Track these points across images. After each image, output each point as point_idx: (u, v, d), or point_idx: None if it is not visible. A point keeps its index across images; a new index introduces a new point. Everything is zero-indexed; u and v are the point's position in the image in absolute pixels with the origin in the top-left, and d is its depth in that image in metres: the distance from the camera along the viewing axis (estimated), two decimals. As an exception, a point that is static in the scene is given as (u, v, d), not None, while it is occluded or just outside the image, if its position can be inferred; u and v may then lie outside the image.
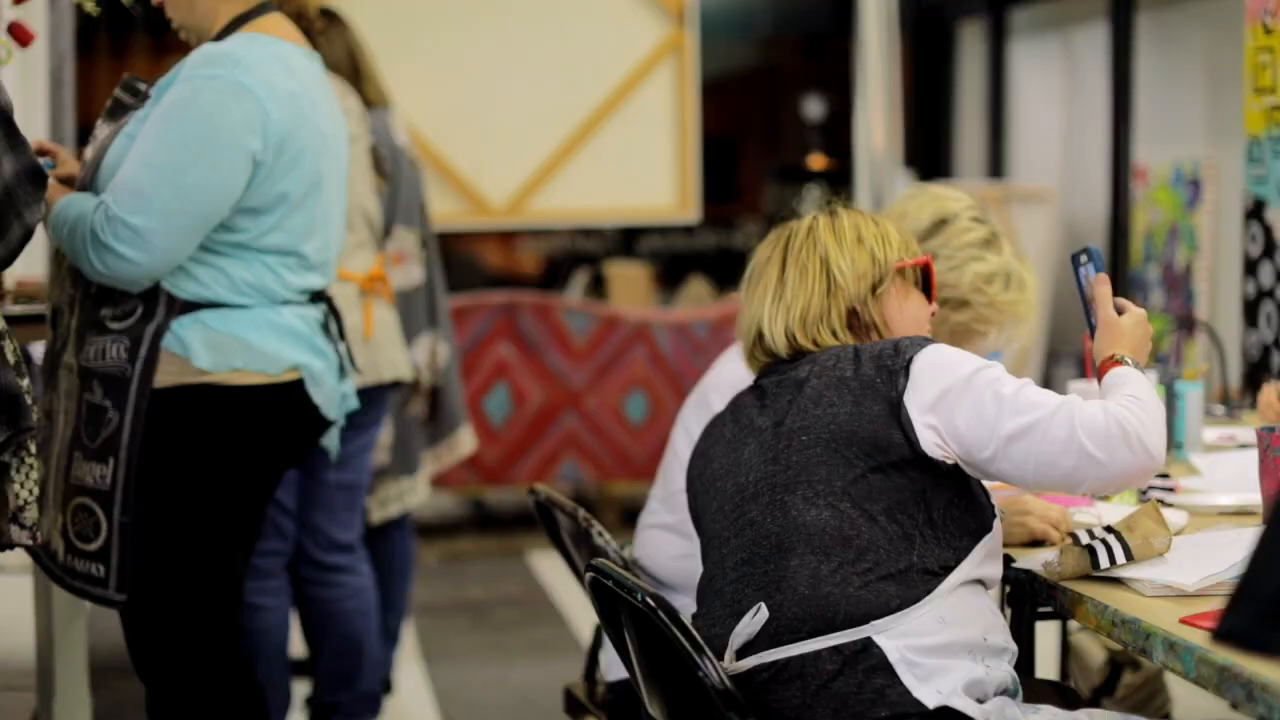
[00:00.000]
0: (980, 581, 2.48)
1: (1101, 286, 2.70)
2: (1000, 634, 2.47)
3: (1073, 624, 4.01)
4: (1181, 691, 4.27)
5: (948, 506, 2.46)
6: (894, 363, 2.50)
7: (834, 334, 2.66)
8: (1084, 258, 2.79)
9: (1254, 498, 2.83)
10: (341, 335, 3.39)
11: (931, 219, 3.33)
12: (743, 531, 2.52)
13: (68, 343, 3.19)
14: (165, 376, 3.11)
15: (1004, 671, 2.44)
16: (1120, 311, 2.68)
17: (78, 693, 3.60)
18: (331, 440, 3.48)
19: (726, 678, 2.33)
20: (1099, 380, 2.58)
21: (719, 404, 2.87)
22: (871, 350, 2.55)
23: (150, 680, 3.28)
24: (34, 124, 4.47)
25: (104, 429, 3.12)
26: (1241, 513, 2.91)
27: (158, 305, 3.12)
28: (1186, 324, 6.62)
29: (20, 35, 3.46)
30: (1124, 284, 7.02)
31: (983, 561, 2.47)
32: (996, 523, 2.51)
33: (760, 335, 2.69)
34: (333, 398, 3.31)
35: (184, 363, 3.11)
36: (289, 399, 3.21)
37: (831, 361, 2.57)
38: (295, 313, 3.22)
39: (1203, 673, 2.11)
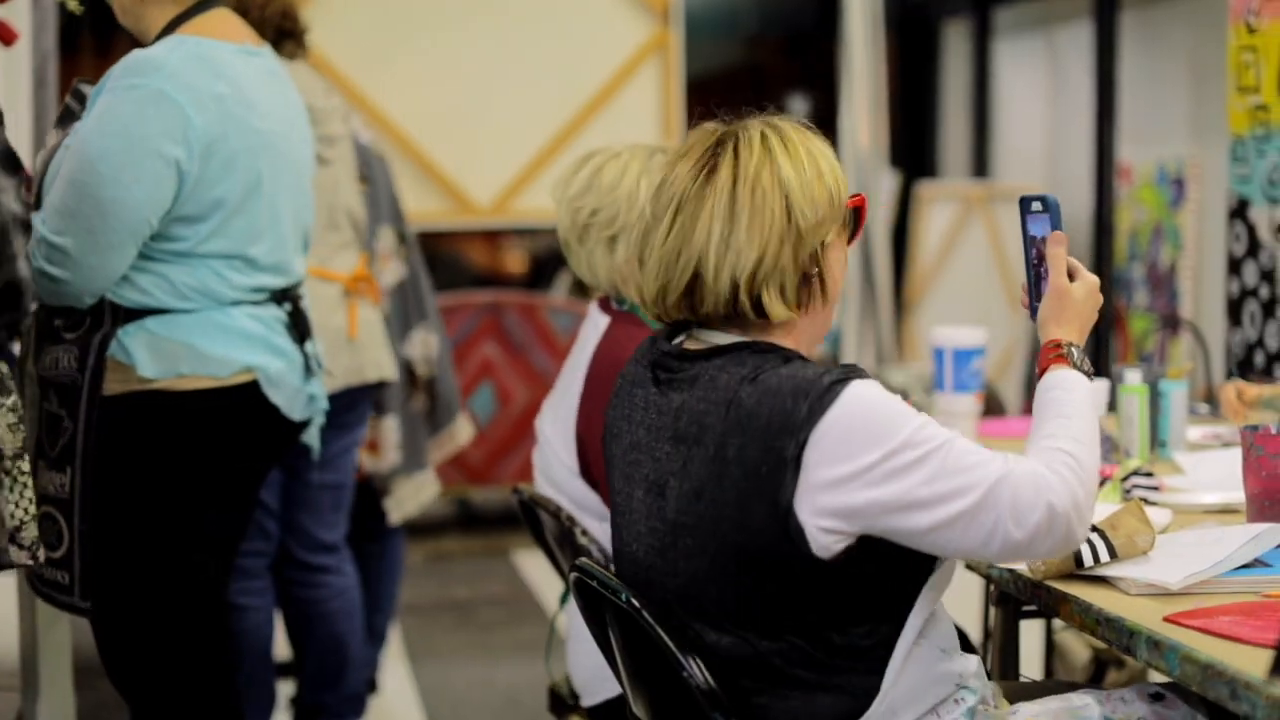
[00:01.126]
0: (927, 619, 2.29)
1: (1056, 246, 2.44)
2: (950, 672, 2.32)
3: (1057, 622, 4.02)
4: (1166, 690, 4.28)
5: (866, 588, 2.23)
6: (784, 447, 2.15)
7: (782, 296, 2.27)
8: (1037, 205, 2.47)
9: (1238, 496, 2.84)
10: (308, 335, 3.34)
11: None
12: (650, 604, 2.35)
13: (28, 352, 3.18)
14: (114, 385, 3.09)
15: (959, 711, 2.33)
16: (1071, 277, 2.45)
17: (62, 692, 3.60)
18: (313, 439, 3.47)
19: (711, 678, 2.31)
20: (1038, 369, 2.40)
21: None
22: (759, 414, 2.18)
23: (124, 690, 3.27)
24: (17, 124, 4.45)
25: (61, 438, 3.11)
26: (1225, 511, 2.91)
27: (104, 314, 3.09)
28: (1171, 323, 6.63)
29: (3, 34, 3.45)
30: (1108, 283, 7.03)
31: (925, 604, 2.27)
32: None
33: (695, 280, 2.28)
34: (296, 399, 3.27)
35: (129, 371, 3.09)
36: (243, 401, 3.17)
37: (719, 412, 2.22)
38: (248, 313, 3.17)
39: (1186, 671, 2.11)
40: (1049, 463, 2.22)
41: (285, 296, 3.28)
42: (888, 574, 2.23)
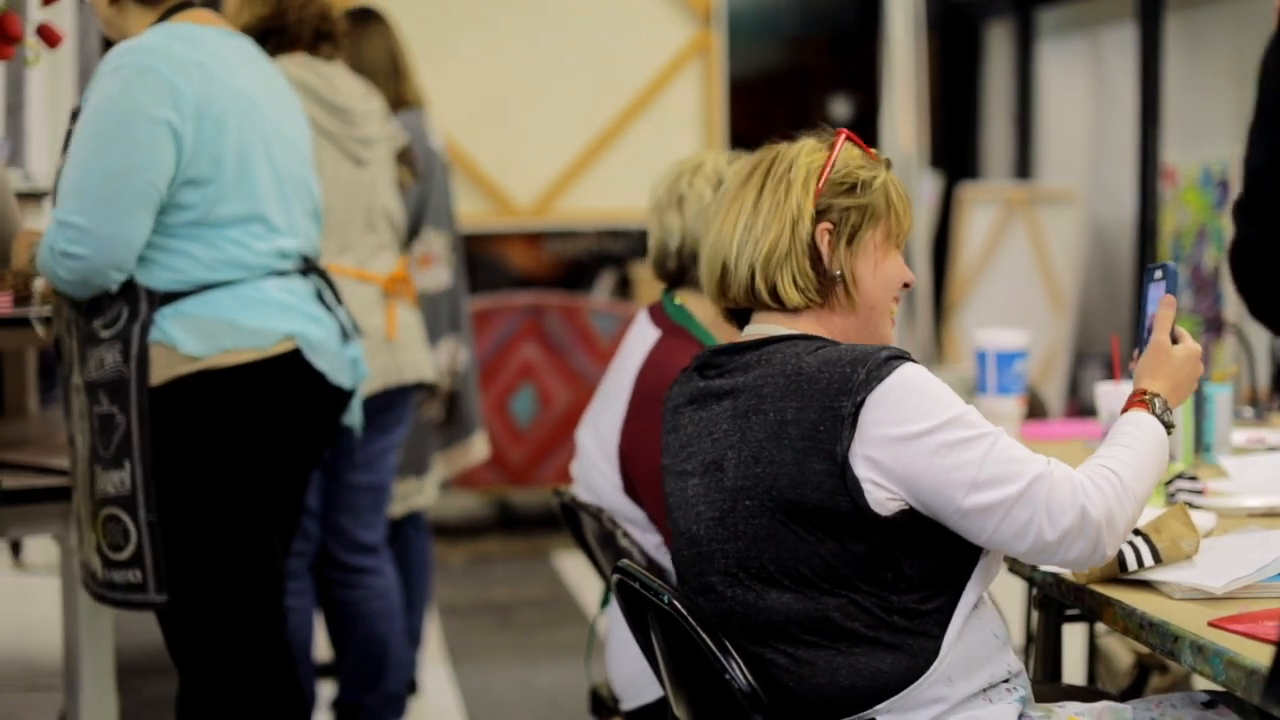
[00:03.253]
0: (980, 600, 2.35)
1: (1166, 309, 2.49)
2: (1001, 659, 2.36)
3: (1100, 626, 4.00)
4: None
5: (922, 554, 2.28)
6: (841, 406, 2.25)
7: (795, 282, 2.39)
8: (1159, 273, 2.57)
9: (1283, 500, 2.82)
10: (340, 302, 3.39)
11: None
12: (708, 593, 2.41)
13: (73, 365, 3.21)
14: (160, 371, 3.12)
15: (1011, 699, 2.34)
16: (1175, 340, 2.49)
17: (104, 693, 3.61)
18: (355, 416, 3.48)
19: (752, 680, 2.32)
20: (1123, 410, 2.46)
21: None
22: (819, 378, 2.28)
23: (189, 675, 3.28)
24: (62, 125, 4.47)
25: (115, 434, 3.13)
26: (1270, 514, 2.90)
27: (140, 303, 3.14)
28: (1215, 326, 6.59)
29: (49, 37, 3.47)
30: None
31: (979, 580, 2.33)
32: None
33: (725, 270, 2.44)
34: (339, 364, 3.31)
35: (173, 352, 3.12)
36: (289, 369, 3.22)
37: (778, 382, 2.32)
38: (279, 285, 3.23)
39: (1231, 675, 2.10)
40: (1092, 475, 2.29)
41: (309, 269, 3.32)
42: (944, 543, 2.29)
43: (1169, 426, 2.42)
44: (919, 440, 2.24)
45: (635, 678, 3.09)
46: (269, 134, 3.26)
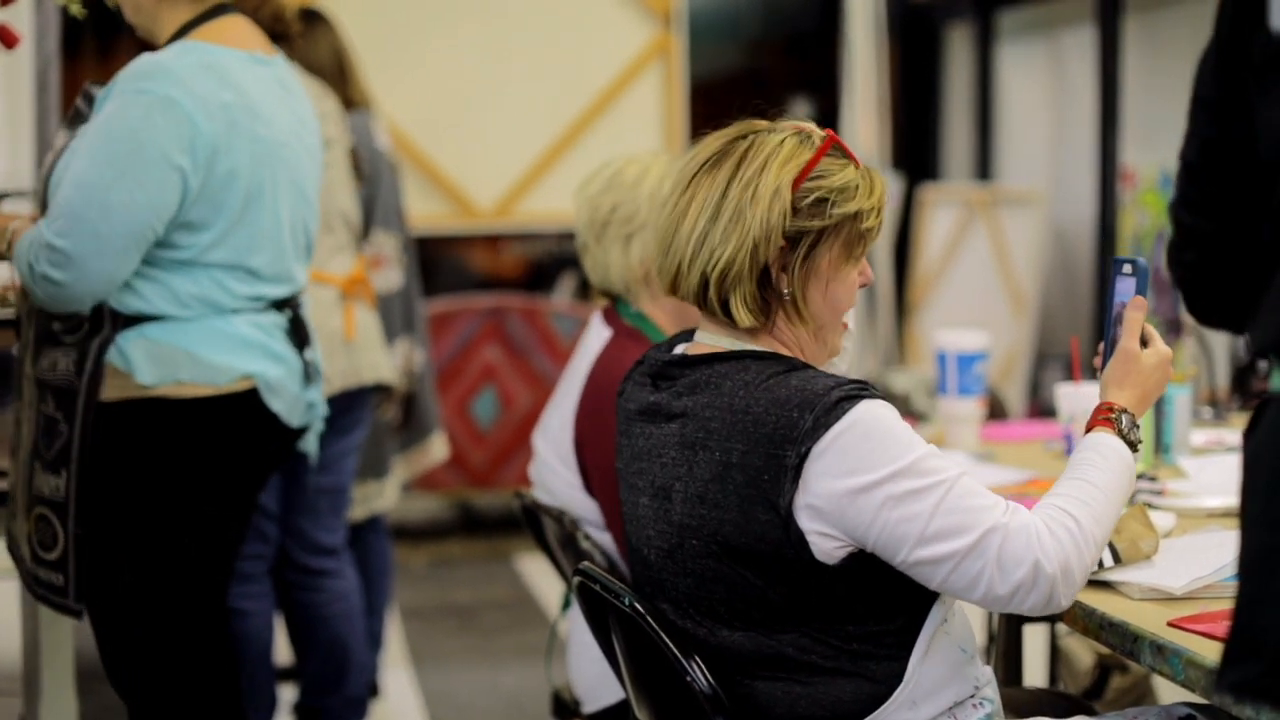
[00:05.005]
0: (949, 613, 2.30)
1: (1135, 311, 2.41)
2: (969, 673, 2.32)
3: (1061, 627, 4.01)
4: (1170, 694, 4.27)
5: (878, 588, 2.22)
6: (785, 455, 2.15)
7: (745, 303, 2.27)
8: (1128, 268, 2.47)
9: (1241, 500, 2.83)
10: (307, 342, 3.32)
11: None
12: (659, 616, 2.36)
13: (26, 353, 3.18)
14: (112, 391, 3.08)
15: (978, 715, 2.31)
16: (1144, 343, 2.42)
17: (64, 697, 3.59)
18: (310, 445, 3.46)
19: (714, 683, 2.31)
20: (1085, 428, 2.39)
21: None
22: (765, 420, 2.18)
23: (126, 696, 3.26)
24: (19, 128, 4.45)
25: (57, 441, 3.10)
26: (1229, 515, 2.91)
27: (103, 320, 3.08)
28: (1174, 327, 6.62)
29: (5, 38, 3.45)
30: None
31: (945, 598, 2.27)
32: None
33: (677, 271, 2.31)
34: (295, 406, 3.26)
35: (127, 377, 3.08)
36: (242, 408, 3.16)
37: (725, 419, 2.23)
38: (247, 320, 3.16)
39: (1190, 675, 2.11)
40: (1049, 522, 2.20)
41: (286, 304, 3.27)
42: (898, 576, 2.22)
43: (1135, 445, 2.35)
44: (865, 494, 2.14)
45: (597, 680, 3.08)
46: (280, 179, 3.19)
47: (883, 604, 2.24)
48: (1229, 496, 2.95)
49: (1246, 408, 3.88)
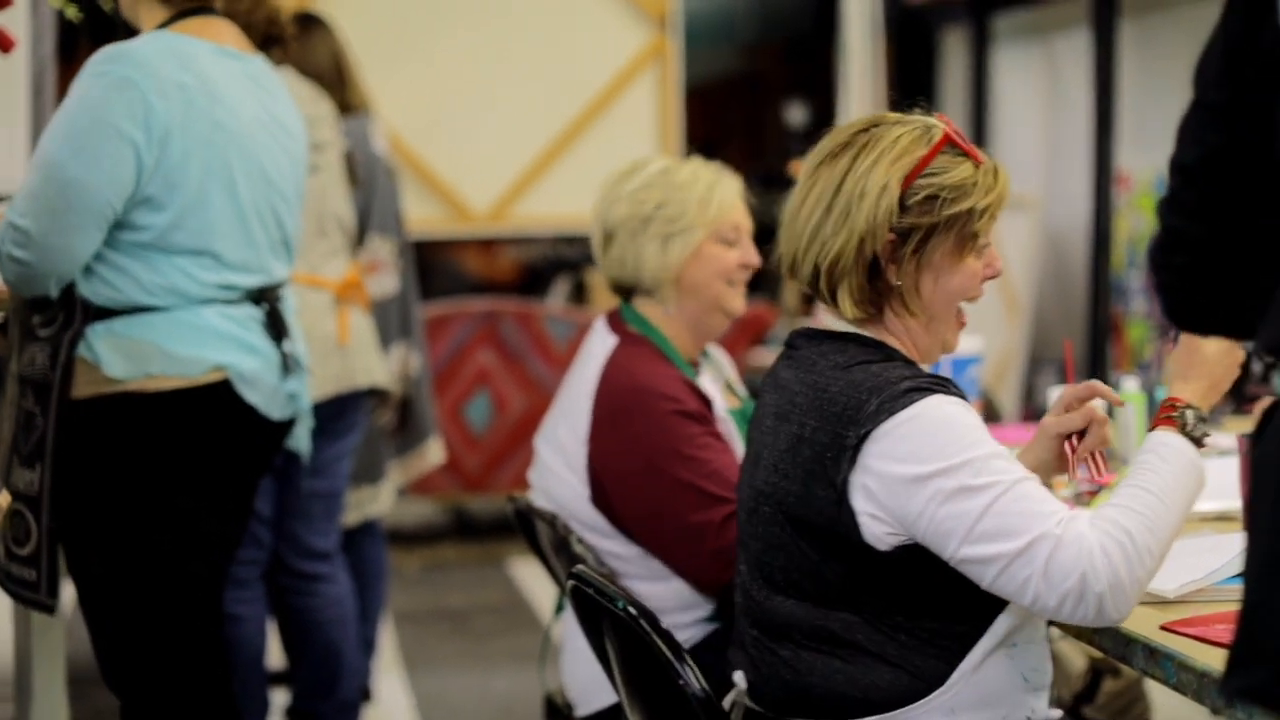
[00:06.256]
0: (1022, 636, 2.28)
1: None
2: (1024, 703, 2.28)
3: (1054, 631, 4.01)
4: (1162, 698, 4.27)
5: (934, 585, 2.23)
6: (847, 435, 2.20)
7: (852, 295, 2.31)
8: None
9: (1235, 504, 2.83)
10: (285, 334, 3.30)
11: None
12: (740, 570, 2.45)
13: (11, 352, 3.19)
14: (84, 386, 3.09)
15: None
16: None
17: (55, 702, 3.58)
18: (301, 443, 3.45)
19: (707, 687, 2.31)
20: (1149, 427, 2.34)
21: None
22: (838, 400, 2.24)
23: (118, 693, 3.26)
24: (15, 131, 4.44)
25: (33, 435, 3.11)
26: (1222, 518, 2.91)
27: (75, 313, 3.10)
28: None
29: (2, 42, 3.45)
30: (1107, 290, 7.02)
31: (1013, 613, 2.25)
32: None
33: (794, 261, 2.36)
34: (274, 398, 3.24)
35: (96, 371, 3.08)
36: (217, 401, 3.16)
37: (808, 395, 2.29)
38: (218, 312, 3.16)
39: (1183, 679, 2.11)
40: (1102, 536, 2.16)
41: (262, 297, 3.26)
42: (958, 579, 2.21)
43: (1201, 440, 2.31)
44: (918, 484, 2.16)
45: (590, 684, 3.07)
46: (241, 166, 3.19)
47: (939, 604, 2.25)
48: (1222, 500, 2.95)
49: (1240, 411, 3.87)
